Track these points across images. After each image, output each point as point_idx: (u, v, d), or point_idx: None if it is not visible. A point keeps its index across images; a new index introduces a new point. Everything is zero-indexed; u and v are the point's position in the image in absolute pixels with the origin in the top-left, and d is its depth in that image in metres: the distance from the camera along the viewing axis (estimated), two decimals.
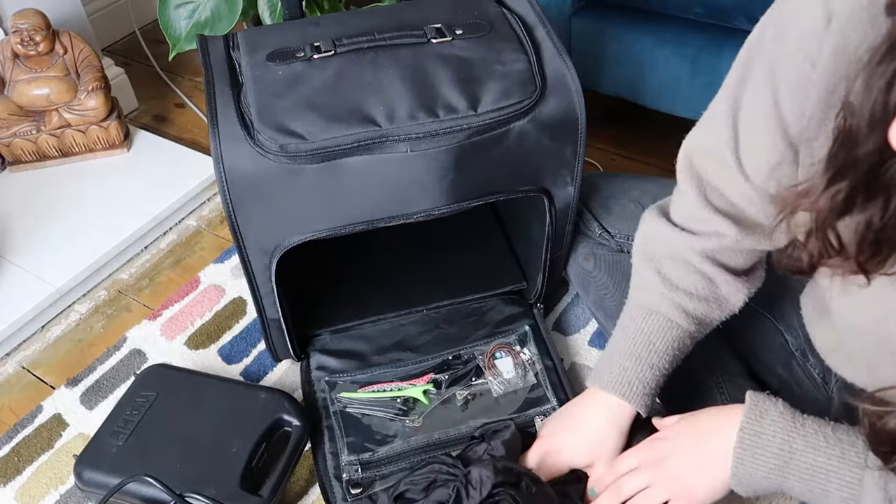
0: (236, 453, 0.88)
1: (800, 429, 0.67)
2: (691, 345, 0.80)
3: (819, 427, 0.66)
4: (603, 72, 1.26)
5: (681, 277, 0.77)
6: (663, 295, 0.77)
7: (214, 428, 0.91)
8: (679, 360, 0.80)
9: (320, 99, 0.80)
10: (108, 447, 0.91)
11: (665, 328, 0.77)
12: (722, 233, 0.73)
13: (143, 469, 0.86)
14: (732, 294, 0.77)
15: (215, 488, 0.85)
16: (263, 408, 0.93)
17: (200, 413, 0.93)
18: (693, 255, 0.76)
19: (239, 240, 0.85)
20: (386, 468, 0.90)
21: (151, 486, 0.84)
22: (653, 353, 0.78)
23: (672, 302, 0.77)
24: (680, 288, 0.77)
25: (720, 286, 0.76)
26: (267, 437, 0.91)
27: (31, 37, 1.31)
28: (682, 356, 0.80)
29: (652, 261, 0.79)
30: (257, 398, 0.95)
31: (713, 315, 0.78)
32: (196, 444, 0.90)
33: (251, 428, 0.91)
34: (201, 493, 0.84)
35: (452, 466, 0.78)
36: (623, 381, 0.78)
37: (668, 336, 0.77)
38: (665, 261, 0.78)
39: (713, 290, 0.77)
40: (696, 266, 0.76)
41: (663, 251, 0.78)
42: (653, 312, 0.78)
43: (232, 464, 0.87)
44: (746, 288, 0.77)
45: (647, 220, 0.81)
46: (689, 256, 0.76)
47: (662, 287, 0.77)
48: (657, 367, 0.78)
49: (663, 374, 0.78)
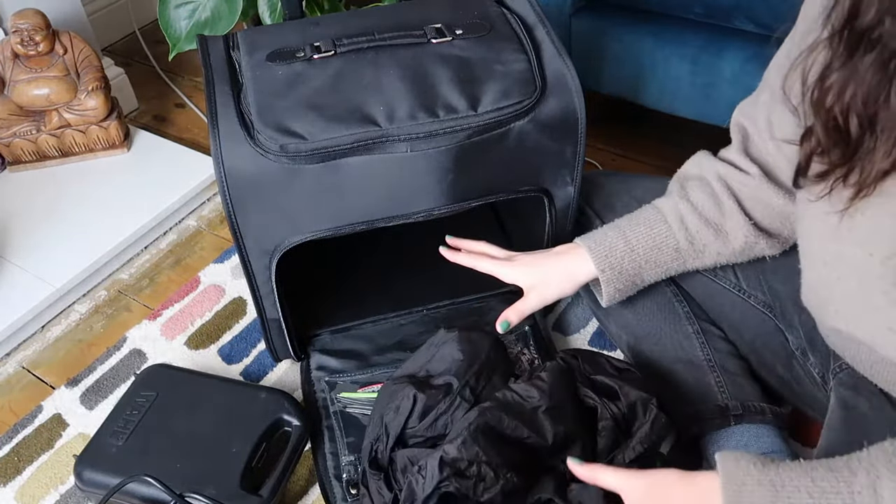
0: (236, 453, 0.88)
1: (781, 491, 0.62)
2: (675, 258, 0.84)
3: (800, 482, 0.62)
4: (603, 72, 1.26)
5: (696, 192, 0.83)
6: (672, 197, 0.84)
7: (214, 428, 0.91)
8: (656, 260, 0.84)
9: (320, 99, 0.80)
10: (108, 447, 0.91)
11: (655, 220, 0.84)
12: (748, 171, 0.81)
13: (143, 469, 0.86)
14: (734, 229, 0.82)
15: (215, 488, 0.85)
16: (263, 408, 0.93)
17: (200, 413, 0.93)
18: (716, 180, 0.83)
19: (239, 240, 0.85)
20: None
21: (151, 486, 0.84)
22: (634, 233, 0.84)
23: (675, 206, 0.84)
24: (690, 199, 0.83)
25: (727, 216, 0.82)
26: (267, 437, 0.91)
27: (31, 37, 1.31)
28: (662, 261, 0.85)
29: (680, 177, 0.87)
30: (257, 398, 0.95)
31: (707, 240, 0.83)
32: (196, 444, 0.90)
33: (251, 428, 0.91)
34: (201, 492, 0.84)
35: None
36: (595, 239, 0.85)
37: (654, 228, 0.84)
38: (691, 179, 0.85)
39: (719, 216, 0.82)
40: (714, 189, 0.82)
41: (694, 172, 0.86)
42: (654, 206, 0.85)
43: (232, 464, 0.87)
44: (751, 232, 0.81)
45: (695, 155, 0.88)
46: (713, 181, 0.83)
47: (676, 195, 0.84)
48: (631, 244, 0.84)
49: (635, 258, 0.84)
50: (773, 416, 0.86)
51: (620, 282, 0.85)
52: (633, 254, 0.84)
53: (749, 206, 0.82)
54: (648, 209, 0.86)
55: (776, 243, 0.83)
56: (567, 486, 0.75)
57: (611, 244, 0.84)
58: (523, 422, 0.76)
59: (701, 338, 0.91)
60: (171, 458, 0.88)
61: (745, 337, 0.91)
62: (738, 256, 0.85)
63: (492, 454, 0.73)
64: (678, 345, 0.91)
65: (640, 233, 0.84)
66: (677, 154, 0.91)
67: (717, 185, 0.82)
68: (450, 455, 0.73)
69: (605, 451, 0.77)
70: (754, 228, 0.82)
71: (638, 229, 0.84)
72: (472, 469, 0.72)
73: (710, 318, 0.94)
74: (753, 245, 0.83)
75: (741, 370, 0.90)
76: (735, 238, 0.82)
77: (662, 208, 0.85)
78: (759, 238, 0.82)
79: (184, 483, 0.85)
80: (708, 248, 0.84)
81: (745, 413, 0.85)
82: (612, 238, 0.85)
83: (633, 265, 0.84)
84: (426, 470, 0.74)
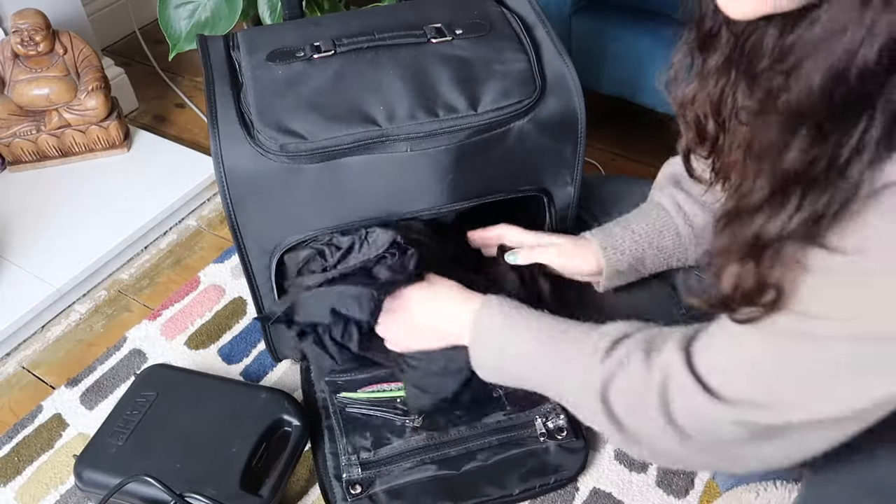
0: (236, 453, 0.88)
1: (508, 319, 0.76)
2: (676, 243, 0.85)
3: (531, 319, 0.75)
4: (603, 72, 1.26)
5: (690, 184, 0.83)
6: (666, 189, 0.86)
7: (214, 428, 0.91)
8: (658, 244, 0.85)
9: (320, 99, 0.80)
10: (108, 447, 0.91)
11: (655, 208, 0.86)
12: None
13: (143, 469, 0.86)
14: None
15: (215, 488, 0.85)
16: (263, 408, 0.93)
17: (200, 413, 0.93)
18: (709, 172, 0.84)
19: (239, 239, 0.85)
20: (386, 468, 0.90)
21: (151, 486, 0.84)
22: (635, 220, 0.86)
23: (671, 196, 0.85)
24: (684, 189, 0.84)
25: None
26: (267, 436, 0.91)
27: (31, 37, 1.31)
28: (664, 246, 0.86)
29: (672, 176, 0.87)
30: (257, 398, 0.95)
31: (703, 220, 0.83)
32: (196, 444, 0.90)
33: (251, 428, 0.91)
34: (201, 493, 0.84)
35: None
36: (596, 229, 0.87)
37: (654, 214, 0.86)
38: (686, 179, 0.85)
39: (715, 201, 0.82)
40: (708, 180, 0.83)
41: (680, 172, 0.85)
42: (651, 200, 0.88)
43: (232, 463, 0.87)
44: None
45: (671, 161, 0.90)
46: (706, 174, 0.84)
47: (671, 187, 0.86)
48: (632, 227, 0.86)
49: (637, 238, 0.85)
50: None
51: (622, 263, 0.86)
52: (635, 235, 0.86)
53: None
54: (645, 204, 0.88)
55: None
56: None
57: (610, 230, 0.87)
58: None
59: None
60: (172, 457, 0.88)
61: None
62: None
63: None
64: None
65: (640, 220, 0.86)
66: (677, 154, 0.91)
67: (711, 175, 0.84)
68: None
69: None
70: None
71: (638, 218, 0.87)
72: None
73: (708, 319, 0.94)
74: None
75: None
76: None
77: (657, 199, 0.87)
78: None
79: (184, 483, 0.85)
80: (706, 231, 0.84)
81: None
82: (612, 226, 0.87)
83: (635, 247, 0.86)
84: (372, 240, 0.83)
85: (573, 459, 0.91)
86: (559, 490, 0.90)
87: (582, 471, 0.91)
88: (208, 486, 0.85)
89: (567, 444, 0.92)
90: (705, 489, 0.89)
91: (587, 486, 0.90)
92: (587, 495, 0.90)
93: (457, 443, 0.92)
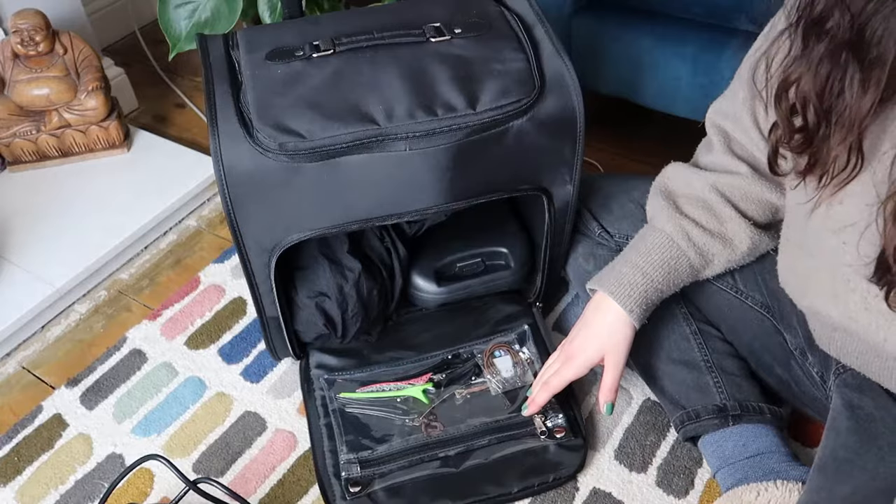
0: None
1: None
2: (690, 273, 0.85)
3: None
4: (603, 72, 1.26)
5: (689, 208, 0.84)
6: (671, 217, 0.83)
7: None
8: (674, 281, 0.85)
9: (319, 97, 0.80)
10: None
11: (665, 245, 0.83)
12: (737, 171, 0.82)
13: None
14: (737, 234, 0.82)
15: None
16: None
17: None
18: (707, 191, 0.83)
19: (238, 238, 0.85)
20: (385, 466, 0.90)
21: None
22: (648, 263, 0.84)
23: (678, 225, 0.83)
24: (688, 216, 0.83)
25: (727, 222, 0.82)
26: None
27: (31, 37, 1.31)
28: (680, 280, 0.85)
29: (669, 196, 0.86)
30: None
31: (715, 249, 0.83)
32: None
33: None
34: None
35: None
36: (613, 281, 0.85)
37: (666, 253, 0.83)
38: (681, 197, 0.85)
39: (719, 226, 0.82)
40: (706, 200, 0.83)
41: (681, 189, 0.85)
42: (658, 231, 0.84)
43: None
44: (754, 232, 0.82)
45: (670, 166, 0.88)
46: (704, 193, 0.83)
47: (672, 212, 0.84)
48: (649, 276, 0.84)
49: (656, 286, 0.84)
50: (772, 416, 0.85)
51: (648, 311, 0.85)
52: (654, 283, 0.84)
53: (744, 206, 0.83)
54: (652, 235, 0.85)
55: (776, 234, 0.84)
56: None
57: (630, 282, 0.84)
58: None
59: (699, 338, 0.91)
60: None
61: (744, 338, 0.91)
62: (748, 257, 0.85)
63: None
64: (675, 345, 0.91)
65: (654, 261, 0.84)
66: (677, 154, 0.91)
67: (710, 195, 0.83)
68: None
69: None
70: (754, 227, 0.82)
71: (651, 258, 0.84)
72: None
73: (707, 320, 0.94)
74: (759, 243, 0.84)
75: (740, 370, 0.90)
76: (741, 242, 0.83)
77: (666, 229, 0.84)
78: (762, 235, 0.83)
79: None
80: (717, 258, 0.84)
81: (744, 413, 0.85)
82: (629, 275, 0.84)
83: (656, 293, 0.85)
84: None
85: (572, 457, 0.91)
86: (559, 490, 0.90)
87: (581, 469, 0.91)
88: None
89: (566, 443, 0.92)
90: (705, 489, 0.89)
91: (587, 485, 0.90)
92: (587, 495, 0.90)
93: (456, 441, 0.92)
